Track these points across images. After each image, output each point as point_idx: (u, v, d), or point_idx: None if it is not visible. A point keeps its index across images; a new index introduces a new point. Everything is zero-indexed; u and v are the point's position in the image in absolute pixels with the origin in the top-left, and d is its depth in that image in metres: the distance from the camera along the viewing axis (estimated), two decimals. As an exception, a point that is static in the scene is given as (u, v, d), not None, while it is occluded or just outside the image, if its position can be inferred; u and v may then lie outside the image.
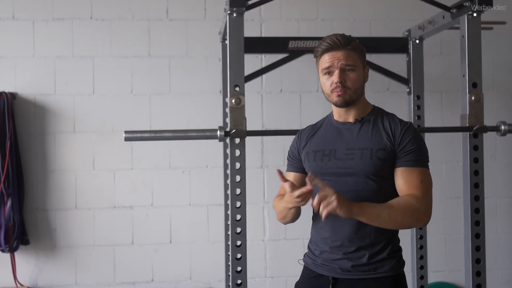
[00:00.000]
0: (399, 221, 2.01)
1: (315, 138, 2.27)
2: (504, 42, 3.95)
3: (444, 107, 3.88)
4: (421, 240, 3.36)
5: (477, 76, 2.67)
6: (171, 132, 2.71)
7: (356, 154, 2.13)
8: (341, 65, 2.14)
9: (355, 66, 2.15)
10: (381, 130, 2.15)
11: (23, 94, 3.60)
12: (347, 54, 2.15)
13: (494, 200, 3.90)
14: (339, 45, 2.15)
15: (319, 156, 2.21)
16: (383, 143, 2.12)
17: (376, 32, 3.81)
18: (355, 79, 2.15)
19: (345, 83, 2.13)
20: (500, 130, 2.73)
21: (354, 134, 2.17)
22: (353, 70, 2.15)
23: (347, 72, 2.14)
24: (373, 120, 2.19)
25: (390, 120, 2.18)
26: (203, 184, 3.72)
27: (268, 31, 3.76)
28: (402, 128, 2.13)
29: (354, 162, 2.12)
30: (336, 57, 2.15)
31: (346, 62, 2.14)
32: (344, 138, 2.18)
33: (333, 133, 2.23)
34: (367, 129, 2.17)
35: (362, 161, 2.11)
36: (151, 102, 3.70)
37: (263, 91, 3.77)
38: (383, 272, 2.09)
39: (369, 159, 2.10)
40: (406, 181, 2.08)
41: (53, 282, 3.61)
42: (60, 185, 3.63)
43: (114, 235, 3.66)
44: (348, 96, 2.14)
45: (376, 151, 2.11)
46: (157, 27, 3.71)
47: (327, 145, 2.21)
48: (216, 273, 3.69)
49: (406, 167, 2.09)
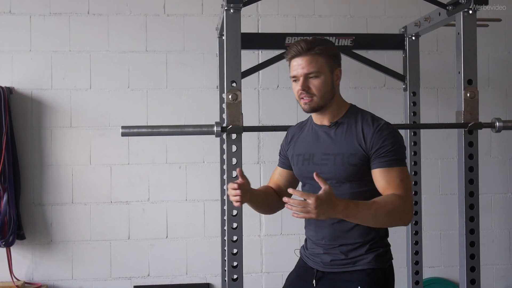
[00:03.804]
0: (384, 221, 2.04)
1: (299, 140, 2.33)
2: (499, 39, 3.96)
3: (440, 103, 3.90)
4: (416, 236, 3.37)
5: (473, 73, 2.68)
6: (168, 127, 2.71)
7: (330, 159, 2.17)
8: (304, 72, 2.13)
9: (319, 72, 2.13)
10: (354, 134, 2.15)
11: (19, 89, 3.60)
12: (310, 60, 2.13)
13: (489, 196, 3.93)
14: (301, 51, 2.14)
15: (300, 160, 2.28)
16: (354, 148, 2.12)
17: (372, 28, 3.82)
18: (319, 86, 2.13)
19: (310, 90, 2.14)
20: (495, 126, 2.74)
21: (329, 139, 2.20)
22: (317, 77, 2.13)
23: (310, 79, 2.14)
24: (347, 123, 2.18)
25: (364, 122, 2.16)
26: (200, 179, 3.73)
27: (265, 27, 3.77)
28: (374, 129, 2.12)
29: (328, 168, 2.16)
30: (300, 64, 2.15)
31: (308, 69, 2.13)
32: (320, 142, 2.22)
33: (312, 137, 2.26)
34: (340, 133, 2.18)
35: (335, 167, 2.15)
36: (148, 97, 3.70)
37: (259, 87, 3.78)
38: (361, 265, 2.14)
39: (341, 164, 2.13)
40: (387, 181, 2.07)
41: (50, 276, 3.62)
42: (57, 180, 3.63)
43: (111, 230, 3.67)
44: (314, 104, 2.15)
45: (347, 157, 2.12)
46: (154, 22, 3.71)
47: (307, 149, 2.26)
48: (212, 268, 3.70)
49: (384, 168, 2.08)
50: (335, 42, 3.27)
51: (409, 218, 2.05)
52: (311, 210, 1.84)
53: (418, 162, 3.39)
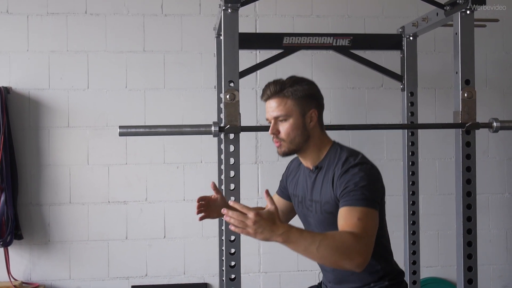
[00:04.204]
0: (329, 257, 1.81)
1: (296, 180, 2.31)
2: (497, 39, 3.97)
3: (438, 103, 3.90)
4: (413, 236, 3.38)
5: (470, 73, 2.68)
6: (166, 127, 2.71)
7: (313, 206, 2.15)
8: (273, 116, 2.09)
9: (288, 115, 2.07)
10: (329, 179, 2.06)
11: (17, 89, 3.59)
12: (279, 103, 2.08)
13: (486, 196, 3.93)
14: (270, 94, 2.10)
15: (296, 202, 2.28)
16: (328, 195, 2.05)
17: (370, 28, 3.83)
18: (288, 130, 2.07)
19: (279, 135, 2.10)
20: (492, 127, 2.74)
21: (312, 184, 2.17)
22: (285, 120, 2.08)
23: (280, 122, 2.09)
24: (326, 167, 2.11)
25: (338, 165, 2.04)
26: (198, 179, 3.73)
27: (262, 27, 3.77)
28: (343, 170, 2.00)
29: (312, 214, 2.16)
30: (270, 107, 2.11)
31: (276, 112, 2.08)
32: (308, 187, 2.20)
33: (303, 179, 2.25)
34: (319, 179, 2.12)
35: (316, 214, 2.13)
36: (145, 97, 3.70)
37: (257, 87, 3.78)
38: None
39: (320, 212, 2.10)
40: (344, 220, 1.90)
41: (47, 276, 3.62)
42: (54, 180, 3.63)
43: (108, 230, 3.67)
44: (285, 148, 2.11)
45: (323, 205, 2.07)
46: (152, 22, 3.71)
47: (300, 192, 2.26)
48: (210, 268, 3.70)
49: (345, 207, 1.93)
50: (332, 42, 3.27)
51: (361, 262, 1.81)
52: (249, 225, 1.75)
53: (415, 162, 3.39)
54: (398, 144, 3.55)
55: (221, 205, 2.26)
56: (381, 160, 3.85)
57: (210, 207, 2.30)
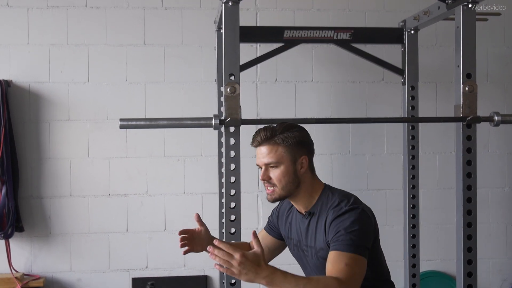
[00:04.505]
0: None
1: (288, 222, 2.29)
2: (499, 33, 3.96)
3: (438, 97, 3.90)
4: (413, 229, 3.38)
5: (471, 67, 2.68)
6: (166, 120, 2.71)
7: (308, 251, 2.15)
8: (263, 162, 2.10)
9: (279, 162, 2.07)
10: (322, 225, 2.06)
11: (17, 82, 3.59)
12: (269, 150, 2.09)
13: (487, 190, 3.93)
14: (260, 141, 2.11)
15: (291, 244, 2.28)
16: (321, 242, 2.05)
17: (371, 22, 3.82)
18: (279, 177, 2.07)
19: (271, 181, 2.09)
20: (493, 120, 2.74)
21: (305, 230, 2.16)
22: (276, 167, 2.08)
23: (271, 169, 2.09)
24: (318, 212, 2.10)
25: (330, 211, 2.04)
26: (198, 172, 3.73)
27: (263, 21, 3.76)
28: (334, 216, 2.00)
29: (308, 260, 2.17)
30: (261, 153, 2.11)
31: (267, 159, 2.09)
32: (302, 232, 2.19)
33: (296, 224, 2.23)
34: (313, 224, 2.12)
35: (312, 260, 2.14)
36: (146, 90, 3.69)
37: (258, 81, 3.77)
38: None
39: (316, 259, 2.10)
40: (331, 264, 1.90)
41: (48, 268, 3.62)
42: (55, 173, 3.63)
43: (109, 222, 3.67)
44: (276, 195, 2.10)
45: (318, 251, 2.08)
46: (152, 15, 3.70)
47: (295, 235, 2.24)
48: (210, 260, 3.64)
49: (334, 251, 1.93)
50: (333, 35, 3.26)
51: None
52: (234, 265, 1.76)
53: (416, 156, 3.39)
54: (399, 138, 3.55)
55: (205, 238, 2.25)
56: (382, 154, 3.85)
57: (194, 240, 2.26)
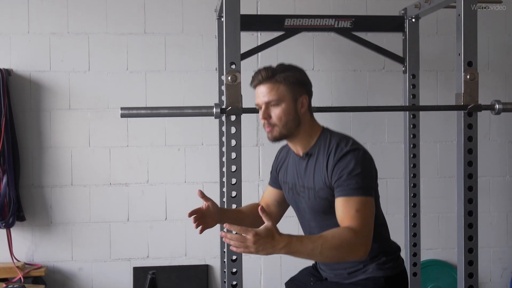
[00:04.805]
0: (332, 256, 1.91)
1: (285, 167, 2.30)
2: (500, 22, 3.95)
3: (439, 86, 3.89)
4: (414, 218, 3.39)
5: (473, 55, 2.67)
6: (167, 109, 2.71)
7: (305, 192, 2.15)
8: (264, 101, 2.10)
9: (280, 100, 2.08)
10: (322, 166, 2.08)
11: (18, 71, 3.58)
12: (271, 88, 2.09)
13: (487, 179, 3.94)
14: (261, 80, 2.11)
15: (286, 188, 2.28)
16: (322, 182, 2.07)
17: (372, 10, 3.80)
18: (280, 115, 2.08)
19: (271, 120, 2.10)
20: (494, 109, 2.74)
21: (303, 171, 2.17)
22: (278, 105, 2.08)
23: (272, 107, 2.10)
24: (316, 154, 2.12)
25: (331, 151, 2.07)
26: (199, 161, 3.73)
27: (264, 9, 3.75)
28: (336, 158, 2.03)
29: (305, 200, 2.16)
30: (261, 92, 2.12)
31: (268, 97, 2.09)
32: (298, 173, 2.20)
33: (293, 167, 2.24)
34: (311, 165, 2.13)
35: (309, 200, 2.13)
36: (146, 79, 3.69)
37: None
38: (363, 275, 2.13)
39: (314, 199, 2.11)
40: (342, 212, 1.96)
41: (49, 258, 3.64)
42: (56, 162, 3.63)
43: (110, 212, 3.68)
44: (276, 133, 2.11)
45: (317, 191, 2.09)
46: (153, 4, 3.69)
47: (290, 178, 2.25)
48: (211, 249, 3.72)
49: (342, 197, 1.97)
50: (334, 24, 3.25)
51: (363, 253, 1.92)
52: (249, 245, 1.78)
53: (417, 144, 3.39)
54: (399, 126, 3.55)
55: (214, 211, 2.26)
56: (382, 143, 3.85)
57: (205, 217, 2.27)
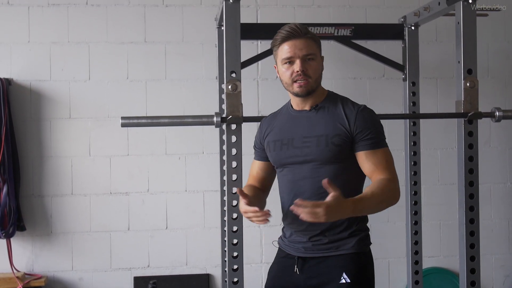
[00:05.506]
0: (382, 208, 2.08)
1: (275, 127, 2.32)
2: (499, 29, 3.95)
3: (439, 93, 3.90)
4: (415, 226, 3.38)
5: (472, 63, 2.68)
6: (168, 118, 2.71)
7: (312, 141, 2.17)
8: (302, 54, 2.14)
9: (315, 55, 2.16)
10: (336, 115, 2.17)
11: (18, 80, 3.59)
12: (307, 43, 2.15)
13: (488, 186, 3.93)
14: (299, 33, 2.15)
15: (278, 145, 2.26)
16: (338, 129, 2.14)
17: (372, 18, 3.81)
18: (316, 68, 2.17)
19: (307, 72, 2.15)
20: (494, 116, 2.74)
21: (310, 122, 2.20)
22: (313, 59, 2.16)
23: (308, 61, 2.15)
24: (327, 106, 2.21)
25: (344, 105, 2.20)
26: (199, 170, 3.73)
27: (264, 18, 3.76)
28: (356, 111, 2.16)
29: (311, 150, 2.16)
30: (297, 46, 2.15)
31: (307, 50, 2.14)
32: (300, 126, 2.22)
33: (290, 122, 2.26)
34: (322, 115, 2.19)
35: (318, 148, 2.15)
36: (147, 88, 3.69)
37: (259, 78, 3.77)
38: (344, 250, 2.15)
39: (325, 145, 2.14)
40: (373, 164, 2.12)
41: (50, 267, 3.62)
42: (56, 171, 3.63)
43: (110, 221, 3.67)
44: (310, 86, 2.16)
45: (331, 137, 2.14)
46: (153, 12, 3.70)
47: (285, 134, 2.25)
48: (212, 258, 3.71)
49: (370, 150, 2.12)
50: (334, 32, 3.27)
51: (399, 196, 2.11)
52: (321, 216, 1.85)
53: (417, 152, 3.39)
54: (400, 134, 3.55)
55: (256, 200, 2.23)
56: (383, 151, 3.84)
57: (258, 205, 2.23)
